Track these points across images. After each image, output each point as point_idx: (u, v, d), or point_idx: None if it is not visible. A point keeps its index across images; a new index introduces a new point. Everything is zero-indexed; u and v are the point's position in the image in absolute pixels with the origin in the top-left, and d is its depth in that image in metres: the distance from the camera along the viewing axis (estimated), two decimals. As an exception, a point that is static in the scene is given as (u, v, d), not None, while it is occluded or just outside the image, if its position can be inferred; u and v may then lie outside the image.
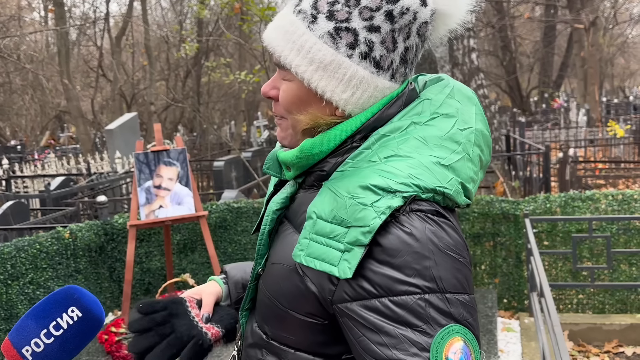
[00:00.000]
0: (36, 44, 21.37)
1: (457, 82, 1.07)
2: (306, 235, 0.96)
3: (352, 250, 0.89)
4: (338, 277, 0.90)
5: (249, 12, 8.20)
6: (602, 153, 13.15)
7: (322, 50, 0.97)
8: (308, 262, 0.93)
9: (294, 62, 0.98)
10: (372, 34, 0.96)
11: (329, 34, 0.97)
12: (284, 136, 1.07)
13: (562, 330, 3.18)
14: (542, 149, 7.51)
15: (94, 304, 0.94)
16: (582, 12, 18.31)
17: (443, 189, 0.93)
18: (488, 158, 1.06)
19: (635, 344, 4.44)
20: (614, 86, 31.56)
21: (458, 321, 0.88)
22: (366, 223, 0.89)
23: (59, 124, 26.26)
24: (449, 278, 0.89)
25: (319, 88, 0.98)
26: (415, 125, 0.99)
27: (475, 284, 4.97)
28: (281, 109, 1.05)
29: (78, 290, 0.94)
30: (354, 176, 0.95)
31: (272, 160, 1.13)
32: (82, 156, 13.72)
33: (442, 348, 0.86)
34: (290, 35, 0.99)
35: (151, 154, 4.55)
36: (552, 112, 20.84)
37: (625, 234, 4.58)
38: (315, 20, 0.97)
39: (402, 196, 0.90)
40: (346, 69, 0.97)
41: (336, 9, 0.97)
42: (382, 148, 0.97)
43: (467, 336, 0.88)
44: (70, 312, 0.92)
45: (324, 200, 0.96)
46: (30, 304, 4.29)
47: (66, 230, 4.69)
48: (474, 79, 9.34)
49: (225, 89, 20.39)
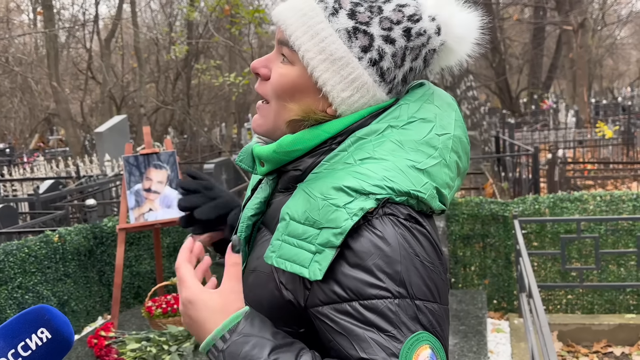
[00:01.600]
0: (25, 46, 21.25)
1: (437, 88, 1.08)
2: (279, 236, 0.95)
3: (324, 251, 0.89)
4: (308, 278, 0.89)
5: (238, 15, 8.21)
6: (590, 154, 13.23)
7: (335, 43, 0.97)
8: (279, 263, 0.93)
9: (305, 45, 0.97)
10: (387, 44, 0.97)
11: (347, 30, 0.97)
12: (261, 123, 1.05)
13: (551, 330, 3.19)
14: (531, 150, 7.55)
15: (64, 325, 0.93)
16: (571, 13, 18.44)
17: (417, 192, 0.92)
18: (466, 165, 1.06)
19: (623, 343, 4.47)
20: (602, 87, 31.77)
21: (426, 329, 0.88)
22: (338, 224, 0.88)
23: (48, 126, 26.12)
24: (419, 285, 0.88)
25: (321, 79, 0.97)
26: (392, 128, 0.98)
27: (465, 285, 4.99)
28: (269, 90, 1.03)
29: (49, 310, 0.93)
30: (328, 177, 0.94)
31: (247, 154, 1.11)
32: (71, 159, 13.65)
33: (412, 355, 0.85)
34: (308, 20, 0.98)
35: (141, 156, 4.53)
36: (541, 114, 20.95)
37: (613, 235, 4.61)
38: (336, 14, 0.97)
39: (376, 198, 0.90)
40: (353, 69, 0.97)
41: (358, 10, 0.97)
42: (357, 150, 0.97)
43: (435, 345, 0.88)
44: (39, 333, 0.91)
45: (297, 202, 0.95)
46: (19, 308, 4.27)
47: (55, 234, 4.66)
48: (464, 81, 9.37)
49: (215, 91, 20.35)
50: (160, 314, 4.34)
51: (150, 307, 4.37)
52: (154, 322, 4.36)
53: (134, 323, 4.86)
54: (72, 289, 4.76)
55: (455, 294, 4.84)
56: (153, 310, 4.35)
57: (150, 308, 4.37)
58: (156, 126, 20.26)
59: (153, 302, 4.44)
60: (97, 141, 11.87)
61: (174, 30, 18.88)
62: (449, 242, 4.86)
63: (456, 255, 4.94)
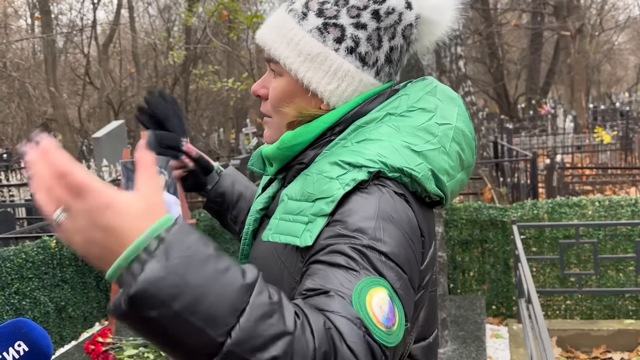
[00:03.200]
0: (22, 51, 21.23)
1: (442, 84, 1.10)
2: (276, 216, 0.98)
3: (315, 220, 0.90)
4: (299, 245, 0.90)
5: (236, 20, 8.21)
6: (589, 159, 13.24)
7: (310, 43, 1.02)
8: (274, 238, 0.95)
9: (283, 53, 1.03)
10: (359, 30, 1.01)
11: (318, 28, 1.02)
12: (269, 134, 1.11)
13: (550, 336, 3.18)
14: (529, 155, 7.54)
15: (42, 339, 0.94)
16: (569, 19, 18.50)
17: (410, 170, 0.94)
18: (470, 160, 1.07)
19: (622, 349, 4.45)
20: (600, 93, 31.83)
21: (388, 282, 0.84)
22: (330, 194, 0.91)
23: (46, 132, 26.11)
24: (392, 246, 0.86)
25: (306, 79, 1.02)
26: (390, 115, 1.02)
27: (464, 290, 4.98)
28: (269, 107, 1.09)
29: (27, 323, 0.94)
30: (326, 158, 0.98)
31: (257, 157, 1.17)
32: (69, 164, 13.62)
33: (366, 292, 0.81)
34: (281, 30, 1.04)
35: (138, 162, 4.52)
36: (539, 119, 20.99)
37: (612, 240, 4.60)
38: (305, 17, 1.03)
39: (368, 171, 0.92)
40: (332, 61, 1.01)
41: (325, 7, 1.02)
42: (356, 136, 1.00)
43: (393, 297, 0.83)
44: (17, 346, 0.92)
45: (296, 184, 0.99)
46: (16, 314, 4.25)
47: (52, 239, 4.64)
48: (462, 86, 9.39)
49: (213, 96, 20.37)
50: (158, 320, 4.33)
51: (148, 313, 4.36)
52: (152, 328, 4.35)
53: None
54: (69, 295, 4.74)
55: (453, 299, 4.82)
56: (150, 316, 4.34)
57: (147, 314, 4.35)
58: (154, 131, 20.22)
59: (150, 308, 4.43)
60: (95, 147, 11.85)
61: (172, 35, 18.88)
62: (447, 248, 4.85)
63: (455, 261, 4.93)
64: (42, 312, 4.45)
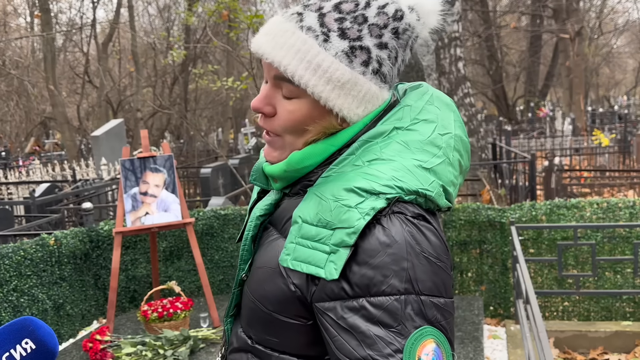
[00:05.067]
0: (22, 49, 21.21)
1: (435, 89, 1.10)
2: (292, 239, 0.97)
3: (338, 251, 0.90)
4: (325, 278, 0.91)
5: (236, 20, 8.22)
6: (587, 162, 13.27)
7: (339, 69, 0.97)
8: (295, 265, 0.95)
9: (311, 81, 0.97)
10: (382, 50, 0.99)
11: (344, 52, 0.97)
12: (276, 155, 1.06)
13: (547, 337, 3.19)
14: (528, 157, 7.56)
15: (49, 337, 0.94)
16: (568, 22, 18.52)
17: (425, 191, 0.95)
18: (467, 164, 1.08)
19: (620, 351, 4.47)
20: (599, 95, 31.89)
21: (432, 323, 0.89)
22: (351, 224, 0.90)
23: (44, 130, 26.08)
24: (425, 280, 0.90)
25: (337, 106, 0.99)
26: (397, 130, 1.01)
27: (462, 291, 4.99)
28: (278, 127, 1.03)
29: (33, 321, 0.95)
30: (339, 180, 0.97)
31: (258, 172, 1.13)
32: (67, 163, 13.62)
33: (415, 349, 0.87)
34: (304, 55, 0.97)
35: (137, 160, 4.52)
36: (538, 121, 21.02)
37: (610, 242, 4.61)
38: (328, 39, 0.97)
39: (386, 198, 0.92)
40: (361, 86, 0.99)
41: (346, 27, 0.97)
42: (365, 152, 1.00)
43: (440, 338, 0.90)
44: (24, 343, 0.93)
45: (309, 205, 0.97)
46: (14, 311, 4.25)
47: (51, 237, 4.64)
48: (461, 88, 9.40)
49: (212, 96, 20.37)
50: (156, 318, 4.33)
51: (146, 311, 4.36)
52: (150, 326, 4.35)
53: (130, 327, 4.84)
54: (67, 293, 4.74)
55: (451, 300, 4.83)
56: (149, 314, 4.34)
57: (146, 312, 4.35)
58: (153, 130, 20.25)
59: (149, 306, 4.43)
60: (94, 145, 11.85)
61: (171, 34, 18.88)
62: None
63: (453, 262, 4.93)
64: (40, 309, 4.45)
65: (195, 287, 5.42)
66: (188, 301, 4.50)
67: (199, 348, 4.25)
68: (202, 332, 4.38)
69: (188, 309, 4.46)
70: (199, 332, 4.38)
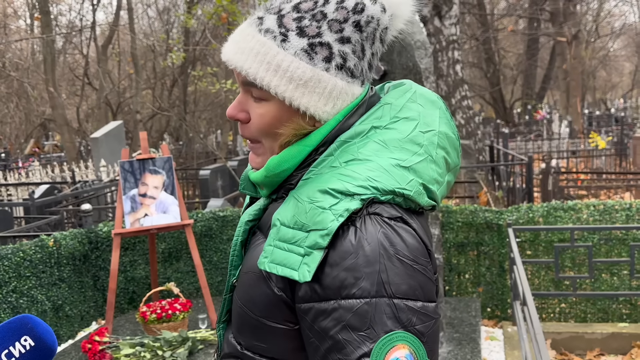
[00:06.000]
0: (22, 51, 21.22)
1: (420, 87, 1.09)
2: (270, 242, 0.96)
3: (312, 253, 0.90)
4: (298, 281, 0.90)
5: (235, 23, 8.24)
6: (584, 164, 13.30)
7: (300, 67, 0.96)
8: (271, 268, 0.94)
9: (272, 82, 0.97)
10: (344, 45, 0.98)
11: (304, 50, 0.97)
12: (260, 161, 1.06)
13: (544, 338, 3.22)
14: (525, 159, 7.59)
15: (47, 334, 0.95)
16: (565, 25, 18.58)
17: (403, 190, 0.93)
18: (456, 161, 1.06)
19: (616, 352, 4.49)
20: (595, 98, 31.93)
21: (406, 327, 0.87)
22: (324, 226, 0.89)
23: (44, 132, 26.06)
24: (399, 283, 0.87)
25: (302, 105, 0.98)
26: (375, 129, 1.00)
27: (459, 292, 5.01)
28: (254, 132, 1.04)
29: (32, 319, 0.96)
30: (315, 182, 0.96)
31: (246, 181, 1.13)
32: (66, 164, 13.62)
33: (383, 354, 0.85)
34: (264, 56, 0.97)
35: (137, 162, 4.54)
36: (535, 124, 21.04)
37: (606, 244, 4.64)
38: (286, 38, 0.97)
39: (360, 199, 0.91)
40: (326, 82, 0.98)
41: (305, 25, 0.97)
42: (342, 153, 0.98)
43: (414, 344, 0.87)
44: (23, 341, 0.93)
45: (287, 208, 0.97)
46: (14, 312, 4.26)
47: (50, 238, 4.66)
48: (458, 90, 9.44)
49: (211, 98, 20.37)
50: (155, 320, 4.35)
51: (145, 313, 4.37)
52: (148, 328, 4.37)
53: (128, 328, 4.85)
54: (66, 294, 4.75)
55: (449, 301, 4.86)
56: (147, 316, 4.35)
57: (144, 313, 4.37)
58: (152, 132, 20.26)
59: (148, 308, 4.44)
60: (93, 147, 11.86)
61: (171, 37, 18.90)
62: (443, 250, 4.88)
63: (450, 263, 4.96)
64: (39, 310, 4.47)
65: (194, 289, 5.44)
66: (187, 302, 4.52)
67: (198, 349, 4.27)
68: (201, 334, 4.40)
69: (187, 310, 4.48)
70: (197, 333, 4.40)
